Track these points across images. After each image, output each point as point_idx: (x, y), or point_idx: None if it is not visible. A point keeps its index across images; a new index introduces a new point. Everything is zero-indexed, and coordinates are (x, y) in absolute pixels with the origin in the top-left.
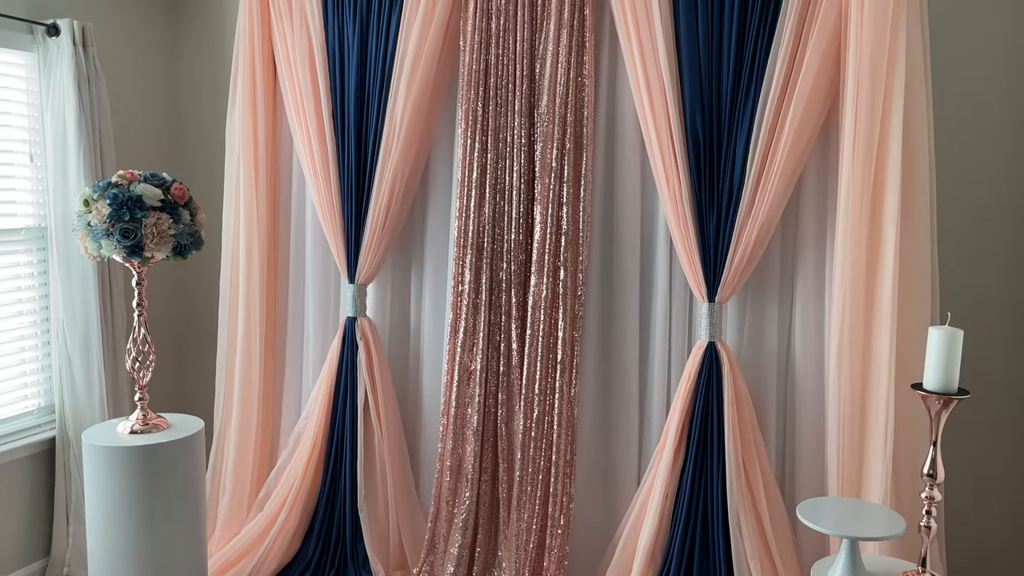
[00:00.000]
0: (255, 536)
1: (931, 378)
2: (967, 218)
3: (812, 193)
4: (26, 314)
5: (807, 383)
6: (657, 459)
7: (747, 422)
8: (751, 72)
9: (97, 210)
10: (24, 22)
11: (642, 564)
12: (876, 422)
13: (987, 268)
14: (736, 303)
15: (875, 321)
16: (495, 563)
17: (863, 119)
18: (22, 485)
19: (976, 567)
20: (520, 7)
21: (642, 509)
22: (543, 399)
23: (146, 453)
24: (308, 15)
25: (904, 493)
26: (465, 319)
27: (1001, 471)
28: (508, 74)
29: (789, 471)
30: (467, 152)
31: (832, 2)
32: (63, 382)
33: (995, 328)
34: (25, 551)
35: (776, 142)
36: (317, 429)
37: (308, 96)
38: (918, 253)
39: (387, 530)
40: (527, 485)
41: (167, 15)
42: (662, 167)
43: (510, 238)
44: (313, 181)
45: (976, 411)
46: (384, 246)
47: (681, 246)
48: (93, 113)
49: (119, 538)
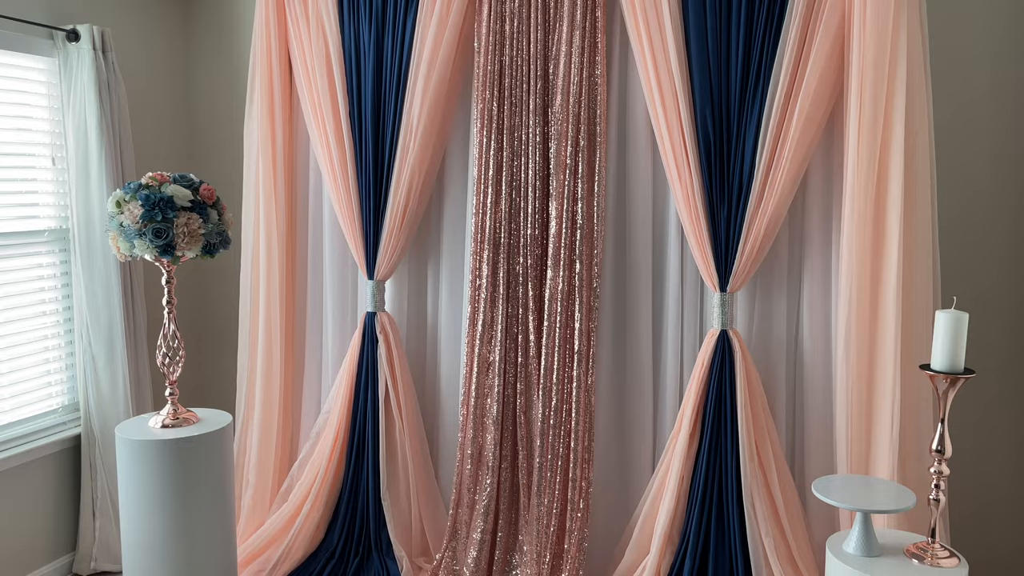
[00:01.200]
0: (280, 526)
1: (938, 359)
2: (966, 208)
3: (818, 186)
4: (49, 314)
5: (815, 368)
6: (672, 443)
7: (759, 406)
8: (759, 70)
9: (129, 211)
10: (44, 28)
11: (660, 544)
12: (883, 404)
13: (984, 257)
14: (746, 292)
15: (880, 308)
16: (516, 547)
17: (866, 114)
18: (48, 482)
19: (977, 550)
20: (533, 10)
21: (659, 491)
22: (561, 388)
23: (179, 446)
24: (324, 19)
25: (909, 473)
26: (484, 312)
27: (1001, 456)
28: (522, 75)
29: (799, 452)
30: (483, 150)
31: (836, 2)
32: (87, 380)
33: (993, 315)
34: (52, 546)
35: (784, 137)
36: (339, 421)
37: (326, 98)
38: (921, 243)
39: (409, 518)
40: (547, 471)
41: (182, 18)
42: (673, 163)
43: (526, 233)
44: (331, 181)
45: (976, 395)
46: (402, 243)
47: (693, 238)
48: (113, 116)
49: (152, 529)
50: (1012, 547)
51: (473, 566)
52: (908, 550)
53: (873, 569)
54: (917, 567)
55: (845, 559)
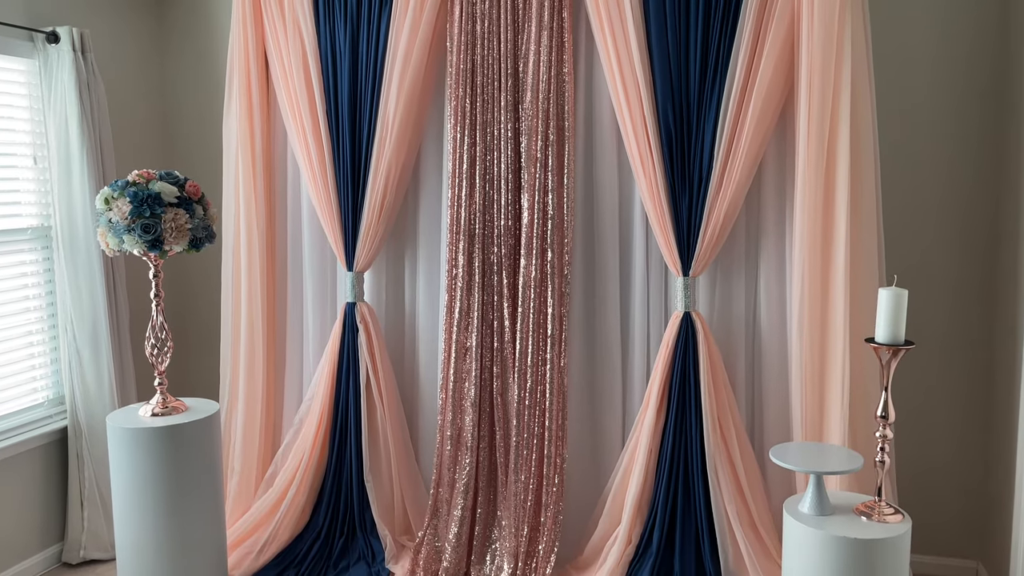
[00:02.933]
0: (267, 510)
1: (882, 332)
2: (907, 195)
3: (772, 177)
4: (33, 311)
5: (772, 345)
6: (641, 419)
7: (720, 382)
8: (715, 70)
9: (118, 208)
10: (24, 30)
11: (631, 514)
12: (834, 377)
13: (925, 239)
14: (707, 277)
15: (830, 288)
16: (495, 522)
17: (815, 110)
18: (35, 474)
19: (923, 514)
20: (503, 11)
21: (629, 465)
22: (535, 371)
23: (170, 433)
24: (300, 19)
25: (859, 439)
26: (460, 300)
27: (943, 425)
28: (493, 73)
29: (758, 424)
30: (457, 145)
31: (785, 7)
32: (73, 374)
33: (933, 292)
34: (41, 536)
35: (739, 131)
36: (322, 408)
37: (303, 96)
38: (866, 227)
39: (392, 499)
40: (523, 449)
41: (156, 19)
42: (638, 155)
43: (500, 224)
44: (310, 177)
45: (921, 366)
46: (380, 235)
47: (657, 226)
48: (94, 115)
49: (145, 514)
50: (955, 510)
51: (454, 541)
52: (857, 508)
53: (826, 526)
54: (865, 523)
55: (800, 518)
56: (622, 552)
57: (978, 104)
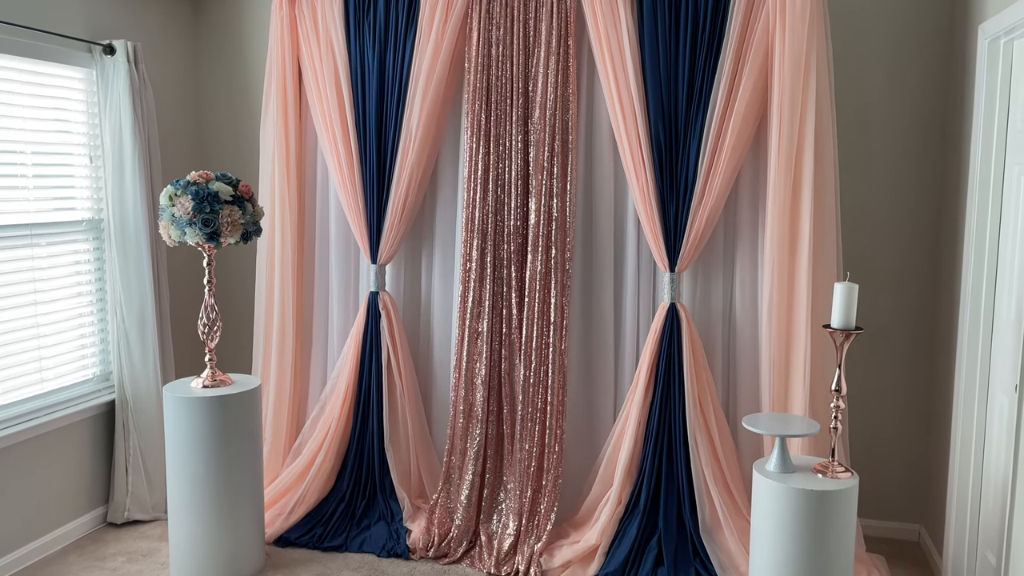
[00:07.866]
0: (295, 476)
1: (836, 319)
2: (864, 203)
3: (747, 186)
4: (84, 295)
5: (745, 331)
6: (631, 396)
7: (700, 364)
8: (700, 93)
9: (181, 204)
10: (84, 42)
11: (621, 478)
12: (797, 358)
13: (876, 239)
14: (691, 272)
15: (796, 282)
16: (501, 486)
17: (785, 130)
18: (84, 442)
19: (873, 478)
20: (515, 38)
21: (620, 436)
22: (539, 353)
23: (219, 403)
24: (333, 39)
25: (819, 411)
26: (473, 291)
27: (891, 400)
28: (506, 91)
29: (732, 400)
30: (472, 154)
31: (761, 42)
32: (121, 352)
33: (886, 288)
34: (89, 498)
35: (720, 147)
36: (347, 385)
37: (335, 109)
38: (827, 230)
39: (408, 465)
40: (528, 422)
41: (194, 35)
42: (632, 166)
43: (509, 224)
44: (339, 179)
45: (875, 346)
46: (402, 232)
47: (648, 228)
48: (144, 120)
49: (195, 474)
50: (900, 477)
51: (465, 502)
52: (814, 468)
53: (788, 481)
54: (821, 479)
55: (767, 475)
56: (613, 511)
57: (925, 129)
